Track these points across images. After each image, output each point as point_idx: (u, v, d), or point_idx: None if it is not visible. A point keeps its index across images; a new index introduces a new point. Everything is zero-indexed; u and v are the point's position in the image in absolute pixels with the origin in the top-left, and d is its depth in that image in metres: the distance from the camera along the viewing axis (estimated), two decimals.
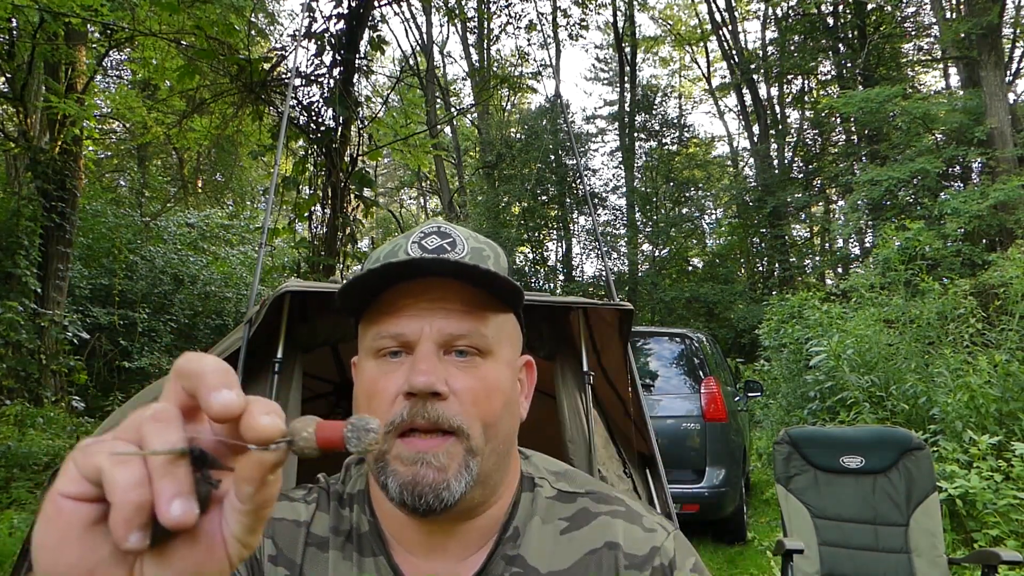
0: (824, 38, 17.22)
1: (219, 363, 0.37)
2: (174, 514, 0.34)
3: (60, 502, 0.35)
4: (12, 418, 7.48)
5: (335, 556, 0.72)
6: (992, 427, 4.83)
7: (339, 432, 0.38)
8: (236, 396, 0.36)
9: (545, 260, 20.07)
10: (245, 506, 0.37)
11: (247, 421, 0.36)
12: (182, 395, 0.37)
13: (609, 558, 0.72)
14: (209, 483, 0.36)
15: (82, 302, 10.92)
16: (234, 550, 0.37)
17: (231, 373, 0.37)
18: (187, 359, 0.37)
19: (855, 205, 12.88)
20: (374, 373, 0.68)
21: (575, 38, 19.78)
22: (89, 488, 0.35)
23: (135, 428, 0.36)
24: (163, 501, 0.34)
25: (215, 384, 0.36)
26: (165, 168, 18.56)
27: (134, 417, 0.37)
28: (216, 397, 0.35)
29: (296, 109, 5.63)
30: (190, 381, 0.37)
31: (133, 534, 0.34)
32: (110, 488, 0.34)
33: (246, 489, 0.36)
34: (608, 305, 1.98)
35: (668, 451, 3.44)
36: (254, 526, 0.37)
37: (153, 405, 0.37)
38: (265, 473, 0.36)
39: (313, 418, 0.38)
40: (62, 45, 8.43)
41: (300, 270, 5.66)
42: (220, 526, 0.37)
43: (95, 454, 0.35)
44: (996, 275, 6.44)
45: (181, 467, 0.35)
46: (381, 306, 0.69)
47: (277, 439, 0.36)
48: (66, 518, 0.35)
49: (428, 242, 0.74)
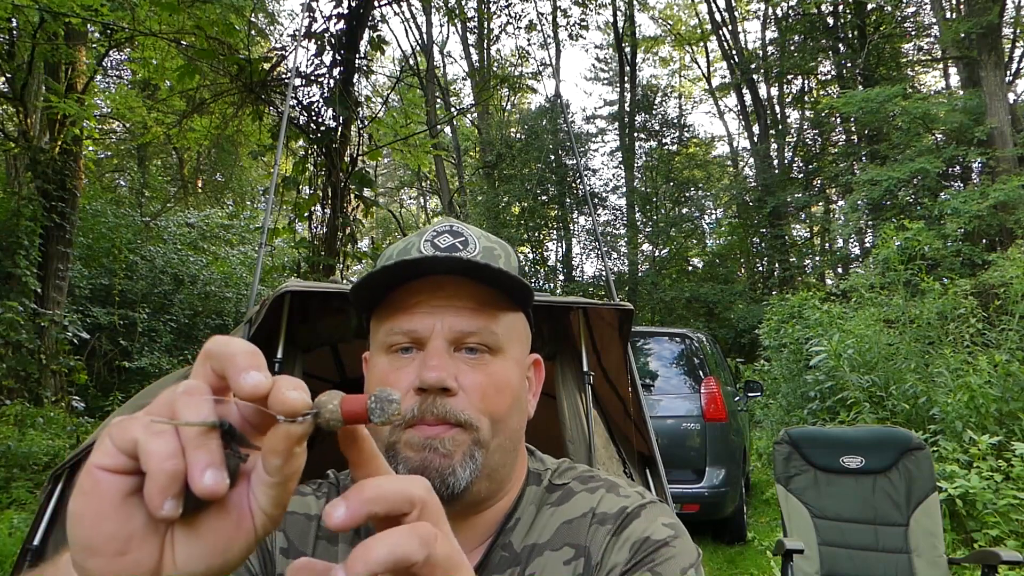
0: (824, 38, 17.22)
1: (248, 345, 0.38)
2: (207, 483, 0.35)
3: (97, 474, 0.36)
4: (12, 418, 7.47)
5: (344, 549, 0.73)
6: (992, 427, 4.83)
7: (363, 404, 0.39)
8: (264, 377, 0.37)
9: (545, 260, 20.08)
10: (273, 478, 0.38)
11: (276, 395, 0.37)
12: (211, 376, 0.39)
13: (583, 523, 0.73)
14: (238, 457, 0.38)
15: (82, 302, 10.91)
16: (260, 522, 0.39)
17: (259, 355, 0.38)
18: (216, 342, 0.39)
19: (855, 205, 12.88)
20: (386, 368, 0.70)
21: (575, 38, 19.82)
22: (125, 460, 0.36)
23: (168, 403, 0.38)
24: (196, 471, 0.35)
25: (245, 365, 0.37)
26: (165, 168, 18.56)
27: (166, 394, 0.38)
28: (246, 377, 0.37)
29: (296, 109, 5.63)
30: (220, 363, 0.38)
31: (168, 502, 0.35)
32: (145, 458, 0.35)
33: (274, 461, 0.37)
34: (608, 305, 1.98)
35: (668, 451, 3.44)
36: (281, 499, 0.39)
37: (184, 382, 0.38)
38: (292, 445, 0.37)
39: (338, 392, 0.39)
40: (62, 45, 8.43)
41: (300, 270, 5.66)
42: (248, 499, 0.39)
43: (130, 428, 0.36)
44: (996, 275, 6.44)
45: (213, 439, 0.37)
46: (394, 303, 0.70)
47: (304, 411, 0.37)
48: (103, 489, 0.36)
49: (441, 240, 0.75)
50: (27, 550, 1.95)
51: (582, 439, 1.93)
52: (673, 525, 0.72)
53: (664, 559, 0.69)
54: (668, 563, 0.68)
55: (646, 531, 0.71)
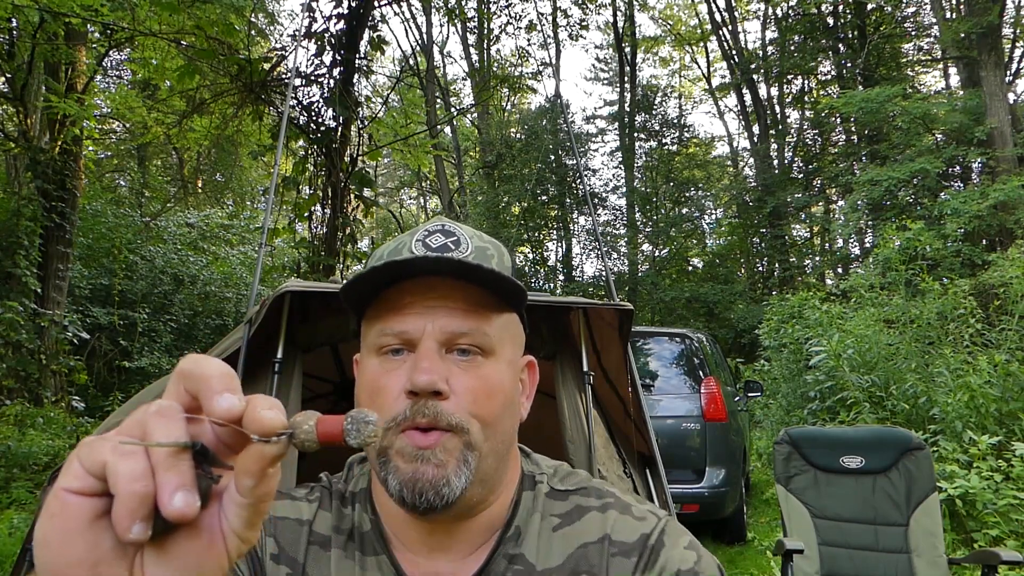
0: (824, 38, 17.22)
1: (222, 366, 0.38)
2: (176, 505, 0.34)
3: (64, 497, 0.35)
4: (12, 418, 7.47)
5: (337, 555, 0.72)
6: (992, 427, 4.83)
7: (339, 425, 0.39)
8: (238, 400, 0.37)
9: (545, 260, 20.07)
10: (245, 499, 0.37)
11: (250, 414, 0.37)
12: (185, 396, 0.38)
13: (599, 550, 0.72)
14: (210, 478, 0.37)
15: (82, 302, 10.92)
16: (233, 544, 0.38)
17: (234, 377, 0.38)
18: (191, 361, 0.38)
19: (855, 205, 12.88)
20: (377, 370, 0.69)
21: (575, 38, 19.82)
22: (93, 482, 0.35)
23: (139, 423, 0.37)
24: (166, 493, 0.34)
25: (219, 388, 0.37)
26: (165, 168, 18.57)
27: (137, 413, 0.37)
28: (220, 400, 0.36)
29: (296, 109, 5.63)
30: (194, 384, 0.37)
31: (136, 525, 0.34)
32: (114, 480, 0.34)
33: (247, 482, 0.37)
34: (608, 305, 1.98)
35: (668, 451, 3.44)
36: (253, 520, 0.38)
37: (156, 402, 0.37)
38: (266, 466, 0.37)
39: (314, 412, 0.39)
40: (62, 45, 8.43)
41: (300, 270, 5.66)
42: (220, 521, 0.38)
43: (99, 449, 0.35)
44: (996, 275, 6.44)
45: (184, 460, 0.36)
46: (385, 303, 0.69)
47: (279, 431, 0.37)
48: (70, 513, 0.35)
49: (432, 240, 0.74)
50: (27, 550, 1.95)
51: (582, 439, 1.93)
52: (692, 544, 0.73)
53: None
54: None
55: (677, 563, 0.70)
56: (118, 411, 2.14)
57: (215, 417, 0.37)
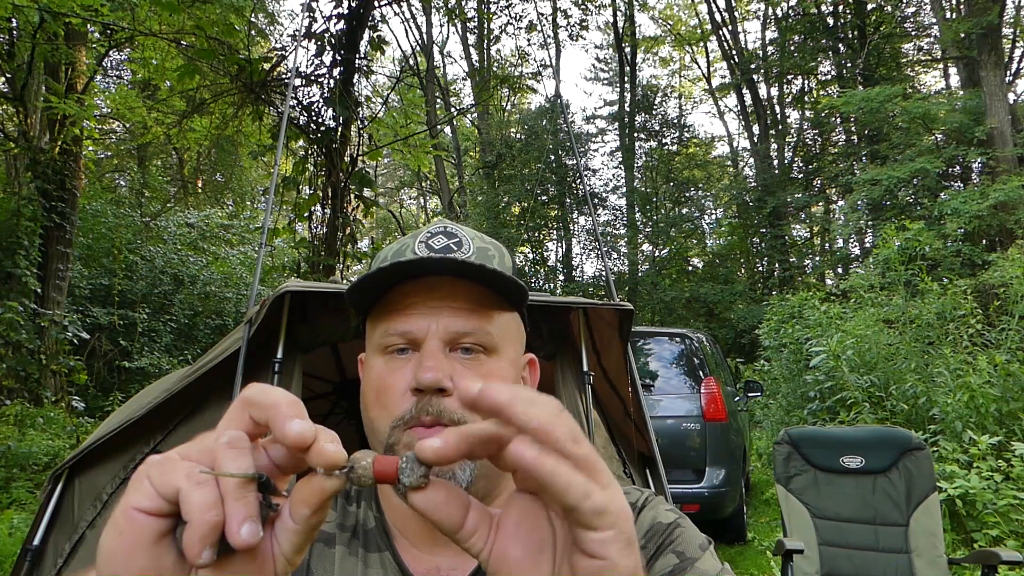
0: (824, 38, 17.22)
1: (288, 395, 0.40)
2: (243, 535, 0.36)
3: (134, 515, 0.37)
4: (12, 418, 7.47)
5: (341, 552, 0.73)
6: (992, 427, 4.83)
7: (394, 465, 0.40)
8: (309, 426, 0.38)
9: (545, 260, 20.07)
10: (299, 527, 0.39)
11: (316, 447, 0.38)
12: (249, 423, 0.40)
13: None
14: (270, 507, 0.39)
15: (82, 302, 10.91)
16: (281, 567, 0.40)
17: (301, 405, 0.39)
18: (259, 391, 0.40)
19: (855, 205, 12.88)
20: (382, 370, 0.70)
21: (575, 38, 19.83)
22: (163, 504, 0.37)
23: (208, 451, 0.39)
24: (234, 523, 0.36)
25: (290, 414, 0.38)
26: (165, 168, 18.56)
27: (205, 441, 0.40)
28: (291, 425, 0.38)
29: (296, 109, 5.63)
30: (263, 412, 0.39)
31: (206, 551, 0.36)
32: (188, 507, 0.36)
33: (303, 511, 0.39)
34: (608, 305, 1.98)
35: (668, 451, 3.44)
36: (302, 546, 0.40)
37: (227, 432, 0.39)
38: (324, 498, 0.39)
39: (371, 452, 0.41)
40: (62, 45, 8.43)
41: (300, 270, 5.66)
42: (271, 544, 0.40)
43: (171, 473, 0.37)
44: (996, 275, 6.44)
45: (250, 492, 0.38)
46: (389, 304, 0.71)
47: (341, 466, 0.38)
48: (138, 530, 0.37)
49: (435, 242, 0.76)
50: (27, 550, 1.95)
51: None
52: (675, 510, 0.76)
53: (679, 537, 0.72)
54: (685, 541, 0.72)
55: (655, 518, 0.74)
56: (119, 411, 2.14)
57: (287, 443, 0.38)
